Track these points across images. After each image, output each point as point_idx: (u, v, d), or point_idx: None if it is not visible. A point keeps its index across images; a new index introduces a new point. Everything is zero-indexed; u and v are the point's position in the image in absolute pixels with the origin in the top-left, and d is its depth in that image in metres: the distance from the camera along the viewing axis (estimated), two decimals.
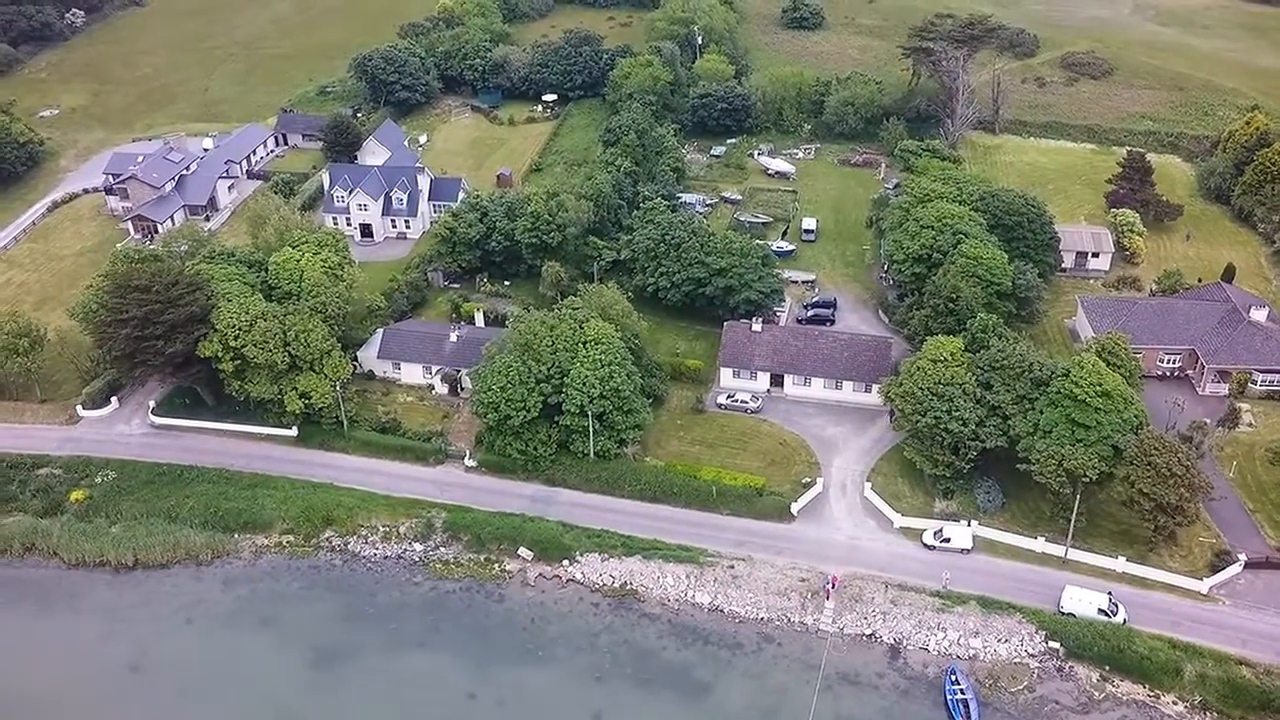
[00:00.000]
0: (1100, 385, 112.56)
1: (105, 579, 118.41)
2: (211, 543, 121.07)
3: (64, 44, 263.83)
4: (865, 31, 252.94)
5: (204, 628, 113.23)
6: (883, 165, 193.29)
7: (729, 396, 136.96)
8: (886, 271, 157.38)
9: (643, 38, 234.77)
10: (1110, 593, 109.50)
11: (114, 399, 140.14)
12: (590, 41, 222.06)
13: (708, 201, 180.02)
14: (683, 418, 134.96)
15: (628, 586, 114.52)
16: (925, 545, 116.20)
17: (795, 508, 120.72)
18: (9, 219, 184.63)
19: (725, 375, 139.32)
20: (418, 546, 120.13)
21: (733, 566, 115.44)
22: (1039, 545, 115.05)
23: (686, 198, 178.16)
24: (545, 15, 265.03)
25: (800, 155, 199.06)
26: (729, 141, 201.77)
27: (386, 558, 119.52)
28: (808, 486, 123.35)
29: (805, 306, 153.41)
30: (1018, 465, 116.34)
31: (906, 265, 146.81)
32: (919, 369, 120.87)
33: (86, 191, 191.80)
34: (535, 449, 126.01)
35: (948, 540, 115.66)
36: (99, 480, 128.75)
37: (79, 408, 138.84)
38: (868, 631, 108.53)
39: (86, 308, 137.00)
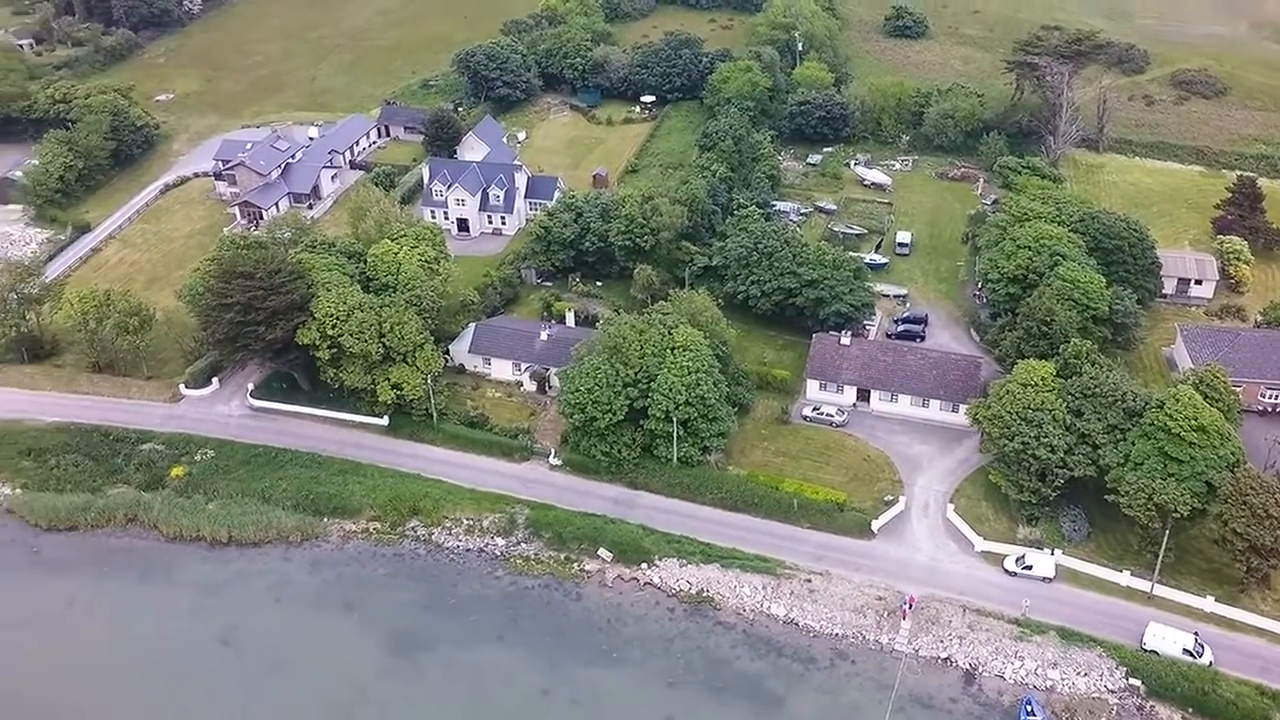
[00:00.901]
0: (1196, 419, 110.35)
1: (200, 554, 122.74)
2: (301, 525, 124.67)
3: (181, 30, 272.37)
4: (969, 42, 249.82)
5: (291, 607, 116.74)
6: (981, 180, 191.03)
7: (815, 409, 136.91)
8: (980, 290, 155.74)
9: (743, 42, 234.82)
10: (1196, 633, 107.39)
11: (215, 380, 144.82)
12: (690, 44, 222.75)
13: (802, 210, 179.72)
14: (767, 428, 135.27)
15: (704, 594, 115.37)
16: (1006, 571, 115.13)
17: (876, 525, 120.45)
18: (125, 199, 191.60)
19: (812, 387, 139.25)
20: (500, 541, 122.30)
21: (810, 580, 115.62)
22: (1124, 579, 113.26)
23: (781, 206, 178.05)
24: (647, 15, 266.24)
25: (897, 167, 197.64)
26: (826, 150, 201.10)
27: (469, 550, 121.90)
28: (890, 504, 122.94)
29: (896, 321, 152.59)
30: (1106, 496, 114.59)
31: (1001, 285, 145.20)
32: (1008, 392, 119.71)
33: (197, 175, 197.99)
34: (619, 451, 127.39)
35: (1030, 567, 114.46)
36: (198, 458, 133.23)
37: (182, 386, 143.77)
38: (943, 655, 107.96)
39: (193, 291, 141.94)
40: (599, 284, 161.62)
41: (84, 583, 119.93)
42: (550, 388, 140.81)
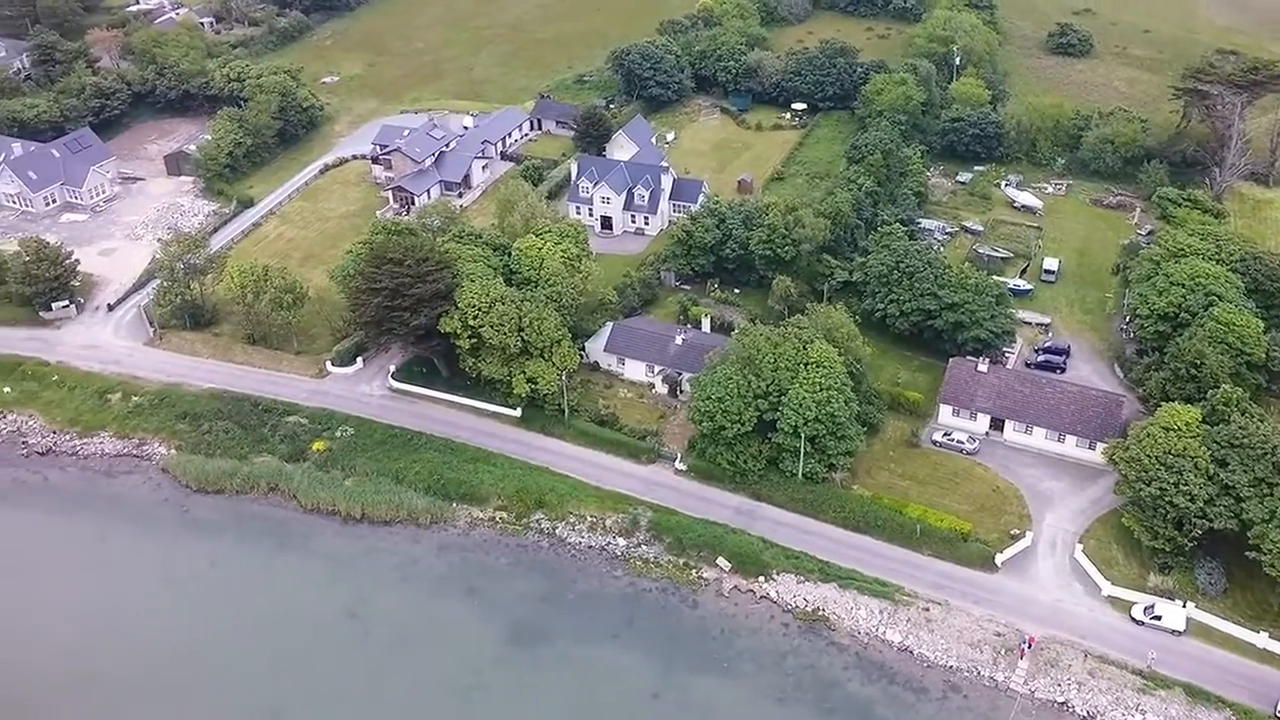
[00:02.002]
0: None
1: (334, 527, 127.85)
2: (431, 508, 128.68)
3: (349, 14, 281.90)
4: (1135, 63, 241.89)
5: (416, 587, 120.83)
6: (1137, 210, 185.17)
7: (945, 434, 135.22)
8: (1128, 324, 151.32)
9: (899, 53, 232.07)
10: None
11: (360, 359, 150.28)
12: (845, 53, 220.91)
13: (948, 229, 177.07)
14: (895, 450, 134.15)
15: (820, 612, 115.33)
16: (1134, 619, 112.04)
17: (1000, 559, 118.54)
18: (287, 177, 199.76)
19: (944, 412, 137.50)
20: (621, 541, 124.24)
21: (928, 609, 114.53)
22: (1261, 640, 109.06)
23: (926, 223, 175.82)
24: (803, 21, 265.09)
25: (1050, 190, 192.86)
26: (976, 169, 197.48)
27: (590, 547, 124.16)
28: (1016, 539, 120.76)
29: (1036, 351, 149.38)
30: (1247, 552, 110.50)
31: (1150, 322, 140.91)
32: (1149, 435, 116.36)
33: (355, 158, 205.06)
34: (745, 462, 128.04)
35: (1159, 618, 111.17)
36: (339, 434, 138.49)
37: (328, 364, 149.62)
38: (1060, 699, 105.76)
39: (345, 272, 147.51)
40: (737, 291, 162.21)
41: (226, 545, 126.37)
42: (681, 392, 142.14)
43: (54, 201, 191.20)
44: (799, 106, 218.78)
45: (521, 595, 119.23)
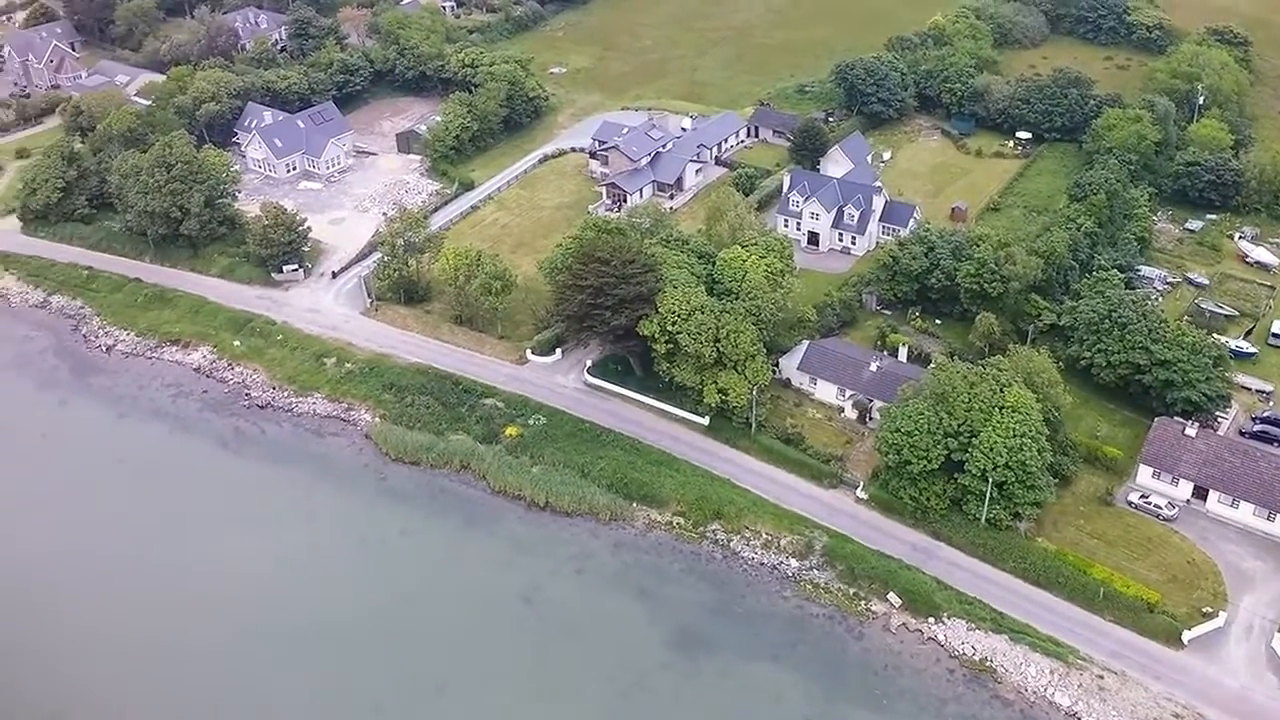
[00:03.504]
0: None
1: (518, 512, 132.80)
2: (612, 505, 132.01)
3: (583, 6, 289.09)
4: None
5: (590, 581, 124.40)
6: None
7: (1143, 496, 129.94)
8: None
9: (1137, 86, 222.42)
10: None
11: (559, 350, 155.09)
12: (1079, 84, 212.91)
13: (1169, 279, 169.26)
14: (1086, 506, 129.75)
15: (987, 663, 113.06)
16: None
17: (1187, 636, 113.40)
18: (508, 163, 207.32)
19: (1144, 473, 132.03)
20: (793, 563, 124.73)
21: (1102, 677, 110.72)
22: None
23: (1146, 271, 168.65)
24: (1038, 45, 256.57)
25: None
26: (1208, 217, 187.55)
27: (762, 565, 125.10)
28: (1208, 617, 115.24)
29: (1254, 419, 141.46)
30: None
31: None
32: None
33: (574, 150, 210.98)
34: (928, 500, 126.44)
35: None
36: (531, 422, 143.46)
37: (529, 351, 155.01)
38: None
39: (553, 265, 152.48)
40: (938, 322, 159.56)
41: (416, 516, 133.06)
42: (871, 419, 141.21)
43: (294, 169, 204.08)
44: (1023, 135, 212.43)
45: (690, 603, 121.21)
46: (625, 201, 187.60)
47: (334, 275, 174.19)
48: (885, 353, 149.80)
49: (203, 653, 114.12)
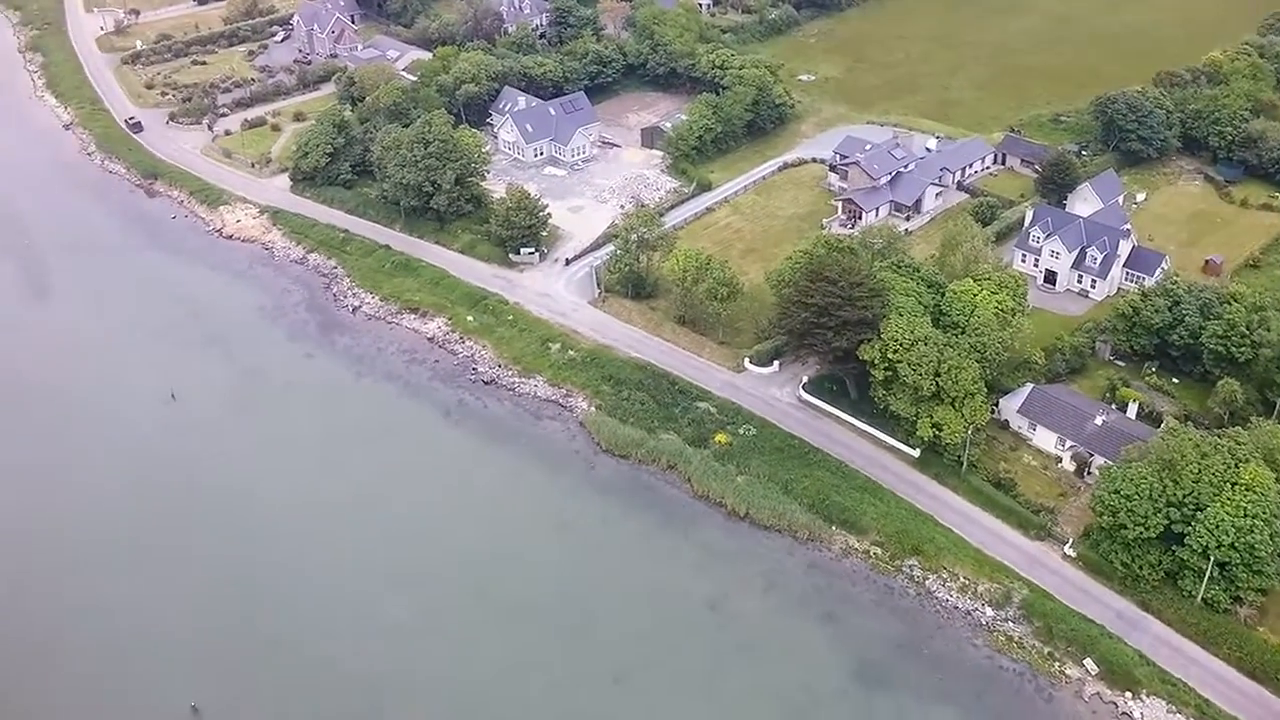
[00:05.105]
0: None
1: (717, 519, 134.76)
2: (811, 525, 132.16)
3: (838, 14, 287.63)
4: None
5: (778, 597, 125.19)
6: None
7: None
8: None
9: None
10: None
11: (776, 363, 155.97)
12: None
13: None
14: None
15: None
16: None
17: None
18: (746, 168, 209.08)
19: None
20: (989, 611, 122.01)
21: None
22: None
23: None
24: None
25: None
26: None
27: (956, 608, 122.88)
28: None
29: None
30: None
31: None
32: None
33: (814, 161, 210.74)
34: (1140, 568, 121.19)
35: None
36: (741, 431, 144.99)
37: (747, 360, 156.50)
38: None
39: (780, 278, 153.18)
40: (1175, 381, 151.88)
41: (618, 508, 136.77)
42: (1089, 474, 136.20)
43: (541, 154, 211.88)
44: None
45: (877, 635, 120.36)
46: (860, 219, 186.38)
47: (567, 262, 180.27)
48: (1113, 406, 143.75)
49: (397, 612, 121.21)
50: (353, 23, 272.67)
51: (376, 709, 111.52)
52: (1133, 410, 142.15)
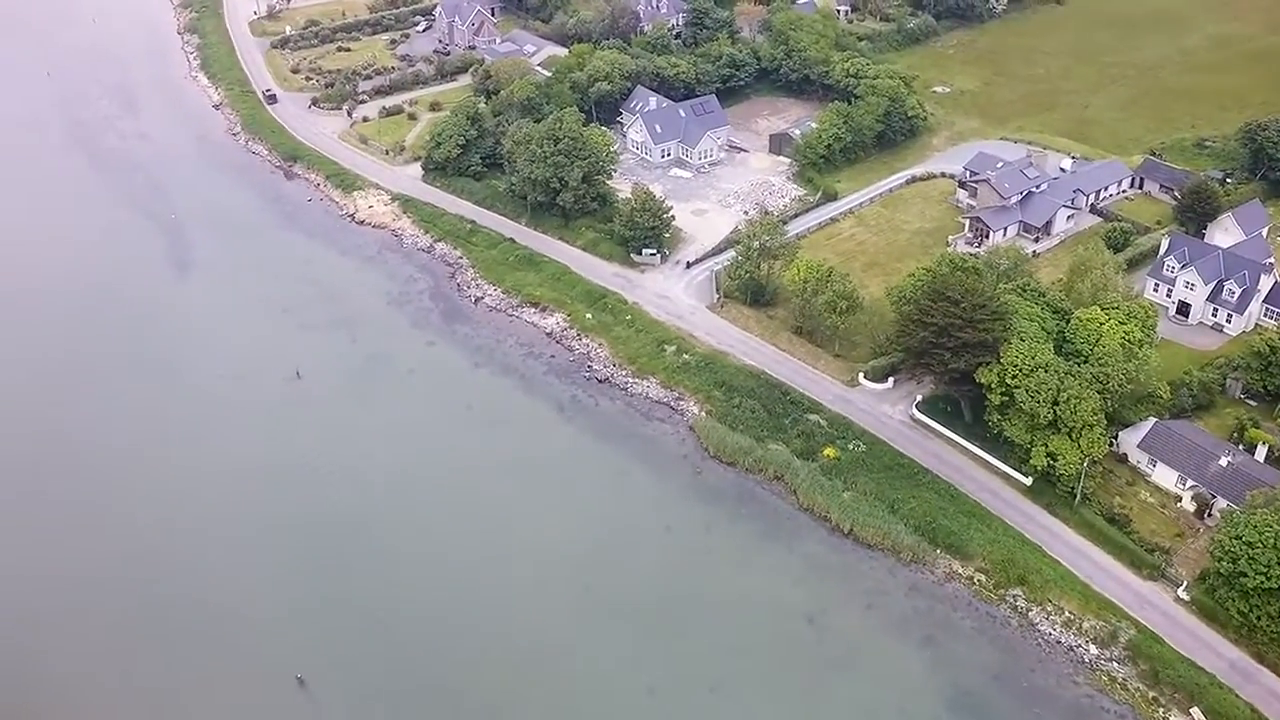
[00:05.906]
0: None
1: (820, 534, 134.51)
2: (915, 547, 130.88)
3: (979, 26, 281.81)
4: None
5: (878, 617, 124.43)
6: None
7: None
8: None
9: None
10: None
11: (890, 379, 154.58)
12: None
13: None
14: None
15: None
16: None
17: None
18: (873, 180, 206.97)
19: None
20: (1093, 649, 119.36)
21: None
22: None
23: None
24: None
25: None
26: None
27: (1059, 643, 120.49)
28: None
29: None
30: None
31: None
32: None
33: (944, 175, 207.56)
34: (1258, 618, 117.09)
35: None
36: (850, 446, 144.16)
37: (861, 375, 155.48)
38: None
39: (901, 294, 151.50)
40: None
41: (723, 515, 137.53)
42: (1210, 517, 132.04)
43: (668, 156, 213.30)
44: None
45: (975, 664, 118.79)
46: (987, 238, 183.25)
47: (688, 265, 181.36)
48: (1241, 447, 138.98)
49: (497, 599, 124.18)
50: (492, 16, 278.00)
51: (471, 688, 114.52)
52: (1261, 453, 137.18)
